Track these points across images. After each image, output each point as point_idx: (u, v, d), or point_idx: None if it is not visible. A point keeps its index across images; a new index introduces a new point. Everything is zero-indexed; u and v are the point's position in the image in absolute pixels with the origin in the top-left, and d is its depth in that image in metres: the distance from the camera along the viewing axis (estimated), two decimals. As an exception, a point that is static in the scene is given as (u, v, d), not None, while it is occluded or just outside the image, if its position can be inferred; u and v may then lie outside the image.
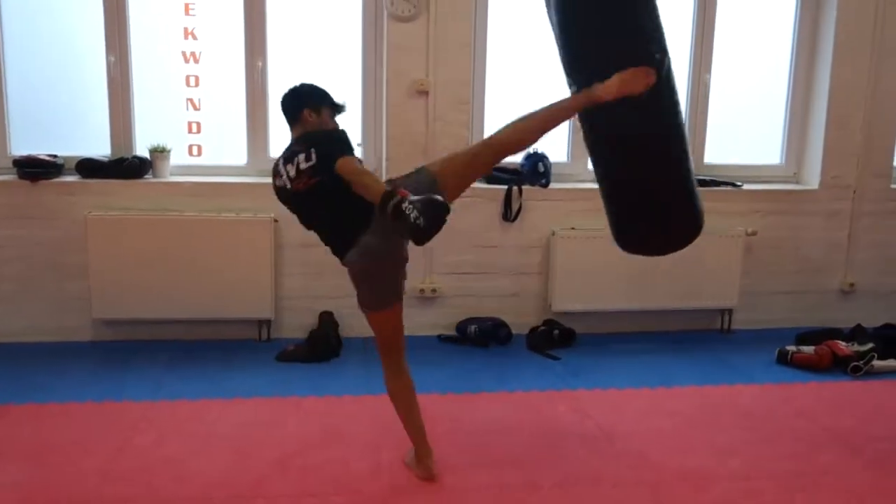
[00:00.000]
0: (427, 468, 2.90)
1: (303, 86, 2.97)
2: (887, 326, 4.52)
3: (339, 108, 2.98)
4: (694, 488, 2.90)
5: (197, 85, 4.25)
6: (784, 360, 4.15)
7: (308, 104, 2.91)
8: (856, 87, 4.54)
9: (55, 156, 4.14)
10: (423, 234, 2.37)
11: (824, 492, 2.88)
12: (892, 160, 4.70)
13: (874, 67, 4.53)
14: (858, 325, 4.49)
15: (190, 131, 4.30)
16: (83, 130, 4.28)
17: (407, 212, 2.34)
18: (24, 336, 4.13)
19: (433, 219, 2.36)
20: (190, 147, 4.32)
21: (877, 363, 4.04)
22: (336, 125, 2.96)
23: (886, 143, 4.66)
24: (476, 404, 3.58)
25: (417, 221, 2.33)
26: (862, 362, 4.01)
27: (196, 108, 4.27)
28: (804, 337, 4.38)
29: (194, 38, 4.21)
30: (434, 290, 4.39)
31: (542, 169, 4.38)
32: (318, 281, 4.29)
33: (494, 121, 4.40)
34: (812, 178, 4.68)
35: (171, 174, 4.24)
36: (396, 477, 2.91)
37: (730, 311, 4.63)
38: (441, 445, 3.14)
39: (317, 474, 2.91)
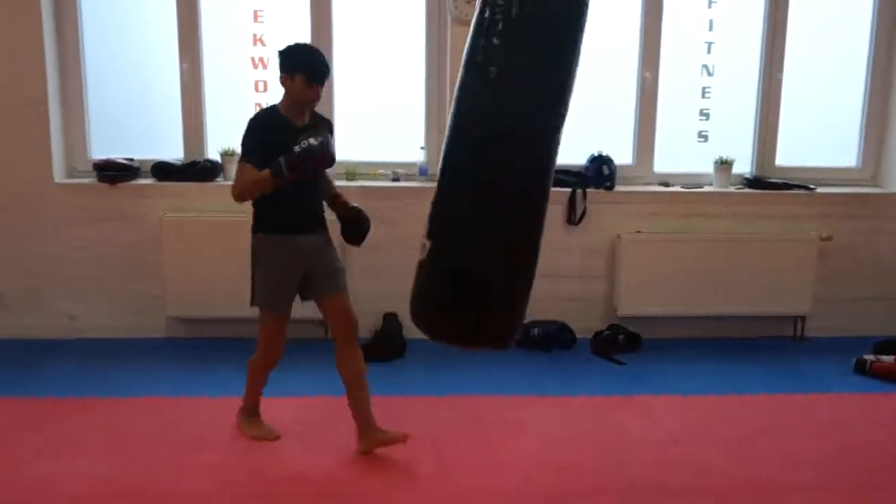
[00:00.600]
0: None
1: (287, 46, 2.95)
2: (973, 335, 4.31)
3: (314, 75, 2.88)
4: (761, 499, 2.82)
5: (265, 90, 4.34)
6: (862, 369, 4.00)
7: (283, 68, 2.90)
8: (939, 85, 4.36)
9: (131, 159, 4.28)
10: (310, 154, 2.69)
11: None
12: (979, 161, 4.49)
13: (959, 65, 4.34)
14: (941, 333, 4.31)
15: (259, 135, 4.39)
16: (157, 134, 4.41)
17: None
18: (103, 332, 4.28)
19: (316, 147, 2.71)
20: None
21: (960, 373, 3.86)
22: (313, 93, 2.92)
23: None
24: (540, 408, 3.55)
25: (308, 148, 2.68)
26: (945, 372, 3.84)
27: (265, 113, 4.36)
28: (883, 346, 4.22)
29: (263, 44, 4.31)
30: (497, 293, 4.37)
31: (606, 172, 4.33)
32: (382, 282, 4.32)
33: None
34: (891, 182, 4.51)
35: (241, 177, 4.33)
36: (460, 479, 2.92)
37: (803, 318, 4.49)
38: (505, 447, 3.14)
39: (377, 473, 2.95)
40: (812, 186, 4.46)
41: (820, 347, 4.39)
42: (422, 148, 4.40)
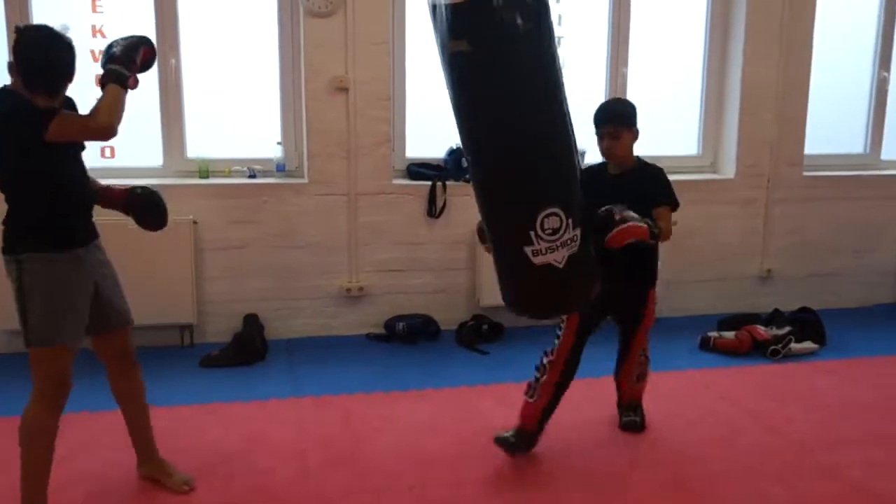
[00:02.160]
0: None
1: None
2: (803, 310, 4.66)
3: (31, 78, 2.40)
4: (620, 477, 2.93)
5: (107, 84, 4.09)
6: (706, 346, 4.25)
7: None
8: (767, 78, 4.68)
9: None
10: None
11: (748, 474, 2.95)
12: (803, 149, 4.86)
13: (783, 59, 4.68)
14: (776, 310, 4.63)
15: (101, 132, 4.14)
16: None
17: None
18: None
19: None
20: (102, 149, 4.15)
21: (794, 346, 4.17)
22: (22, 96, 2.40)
23: (797, 132, 4.81)
24: (404, 402, 3.55)
25: None
26: (780, 346, 4.14)
27: (107, 109, 4.12)
28: (725, 323, 4.50)
29: (103, 35, 4.05)
30: (361, 289, 4.34)
31: (465, 164, 4.36)
32: (241, 283, 4.20)
33: (414, 116, 4.40)
34: (728, 168, 4.81)
35: (83, 177, 4.08)
36: (323, 482, 2.86)
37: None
38: (371, 445, 3.12)
39: (241, 482, 2.85)
40: (658, 175, 4.68)
41: (669, 327, 4.61)
42: (278, 143, 4.29)
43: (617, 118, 3.00)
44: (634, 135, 3.01)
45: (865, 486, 2.84)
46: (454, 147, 4.37)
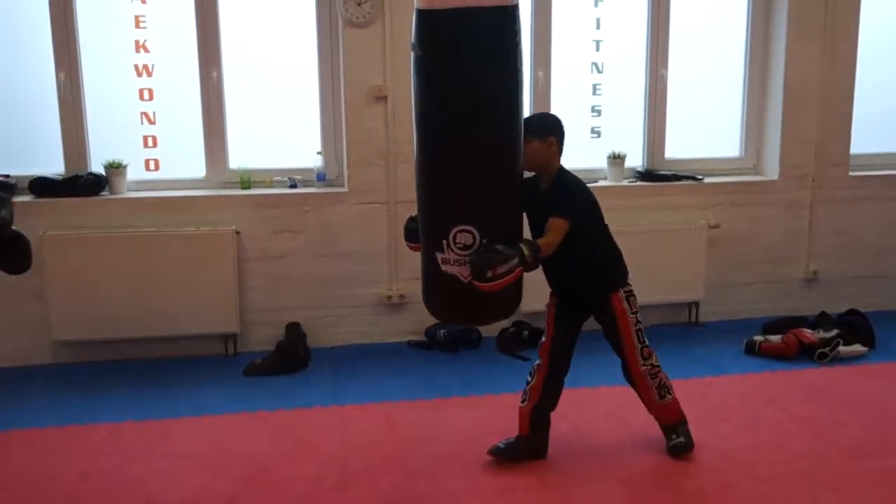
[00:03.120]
0: None
1: None
2: (851, 312, 4.57)
3: None
4: (667, 483, 2.90)
5: (151, 98, 4.18)
6: (752, 350, 4.18)
7: None
8: (809, 78, 4.60)
9: (7, 175, 4.03)
10: None
11: (797, 479, 2.89)
12: (848, 149, 4.76)
13: (826, 59, 4.59)
14: (823, 312, 4.54)
15: (146, 145, 4.22)
16: (35, 149, 4.17)
17: None
18: (-18, 362, 4.02)
19: None
20: (147, 161, 4.24)
21: (842, 349, 4.08)
22: None
23: (841, 132, 4.72)
24: (447, 410, 3.55)
25: None
26: (828, 349, 4.06)
27: (151, 122, 4.20)
28: (771, 326, 4.42)
29: (146, 50, 4.14)
30: (402, 296, 4.35)
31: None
32: (283, 292, 4.24)
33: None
34: (771, 169, 4.73)
35: (129, 190, 4.16)
36: (368, 489, 2.87)
37: (696, 304, 4.66)
38: (413, 453, 3.13)
39: (287, 489, 2.87)
40: (699, 177, 4.63)
41: (714, 331, 4.57)
42: (318, 153, 4.33)
43: (526, 126, 2.80)
44: (547, 145, 2.88)
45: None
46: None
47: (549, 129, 2.92)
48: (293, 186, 4.27)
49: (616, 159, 4.55)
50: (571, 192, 2.91)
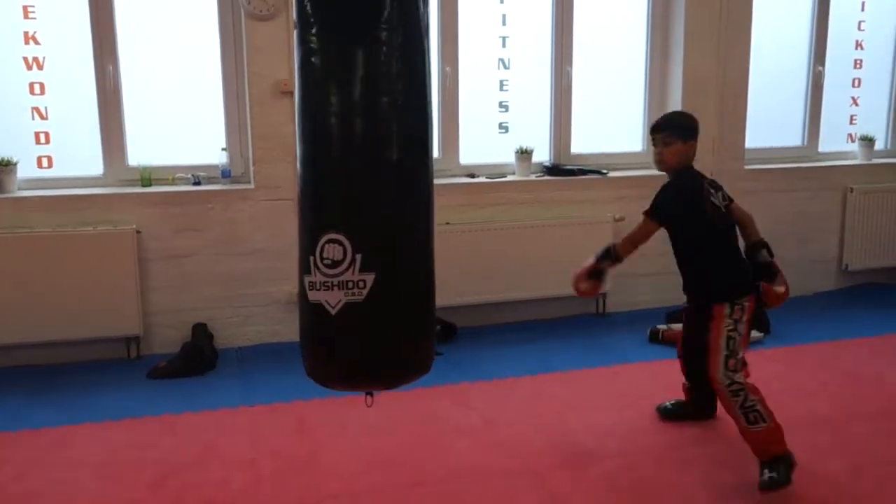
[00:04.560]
0: None
1: None
2: (748, 300, 4.76)
3: None
4: (577, 471, 2.96)
5: (42, 93, 3.98)
6: (655, 338, 4.32)
7: None
8: (706, 76, 4.78)
9: None
10: None
11: (697, 461, 3.00)
12: (744, 143, 4.97)
13: (723, 57, 4.78)
14: (722, 301, 4.72)
15: (38, 142, 4.02)
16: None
17: None
18: None
19: None
20: (39, 159, 4.04)
21: (740, 335, 4.26)
22: None
23: (738, 127, 4.93)
24: (359, 406, 3.50)
25: None
26: (726, 335, 4.22)
27: (43, 118, 4.00)
28: (673, 315, 4.56)
29: (36, 42, 3.94)
30: (312, 294, 4.29)
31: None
32: (188, 292, 4.13)
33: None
34: (672, 163, 4.89)
35: (20, 188, 3.96)
36: (279, 490, 2.83)
37: (604, 295, 4.78)
38: (325, 450, 3.09)
39: (194, 494, 2.79)
40: (605, 171, 4.75)
41: (619, 321, 4.70)
42: (223, 149, 4.23)
43: (665, 125, 3.03)
44: (687, 148, 2.99)
45: (810, 468, 2.91)
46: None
47: (694, 132, 3.01)
48: (197, 183, 4.15)
49: (524, 154, 4.62)
50: (665, 190, 3.01)
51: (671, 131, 2.98)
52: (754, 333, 4.32)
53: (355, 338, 2.02)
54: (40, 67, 3.97)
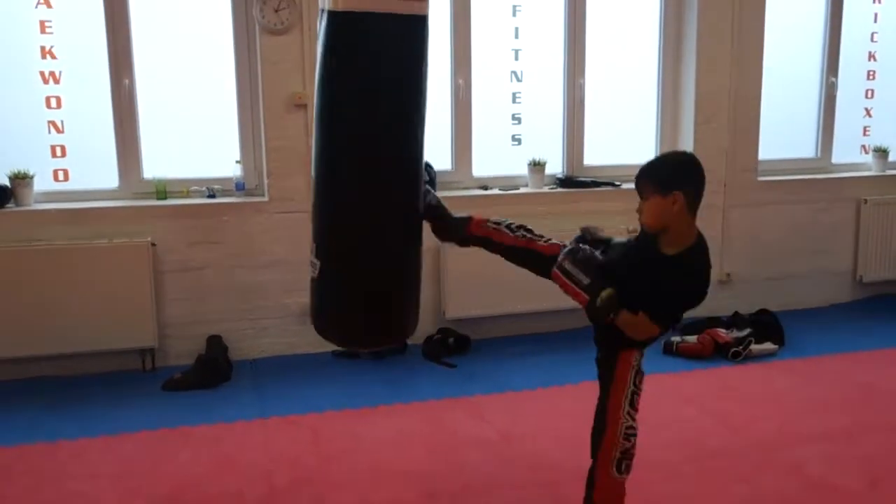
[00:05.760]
0: None
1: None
2: (762, 312, 4.75)
3: None
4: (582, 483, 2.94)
5: (59, 106, 4.02)
6: (670, 350, 4.30)
7: None
8: (720, 87, 4.78)
9: None
10: None
11: (714, 474, 2.98)
12: (757, 155, 4.96)
13: (735, 68, 4.79)
14: (736, 313, 4.71)
15: (54, 155, 4.06)
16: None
17: None
18: None
19: None
20: (55, 172, 4.07)
21: (754, 347, 4.25)
22: None
23: (751, 138, 4.92)
24: (374, 419, 3.53)
25: None
26: (741, 348, 4.21)
27: (59, 131, 4.04)
28: (688, 327, 4.55)
29: (53, 56, 3.98)
30: (325, 306, 4.30)
31: (426, 177, 4.36)
32: (203, 305, 4.15)
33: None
34: (685, 175, 4.88)
35: (36, 201, 4.00)
36: (292, 501, 2.83)
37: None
38: (339, 462, 3.09)
39: (209, 506, 2.80)
40: (617, 183, 4.75)
41: (634, 334, 4.68)
42: (237, 162, 4.25)
43: (642, 172, 2.36)
44: (674, 202, 2.28)
45: (825, 481, 2.90)
46: (415, 161, 4.37)
47: (677, 181, 2.29)
48: (211, 196, 4.18)
49: (537, 166, 4.63)
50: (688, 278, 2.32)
51: (646, 179, 2.34)
52: (768, 345, 4.32)
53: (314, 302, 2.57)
54: (56, 82, 4.01)
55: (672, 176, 2.31)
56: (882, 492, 2.84)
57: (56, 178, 4.08)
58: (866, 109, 5.38)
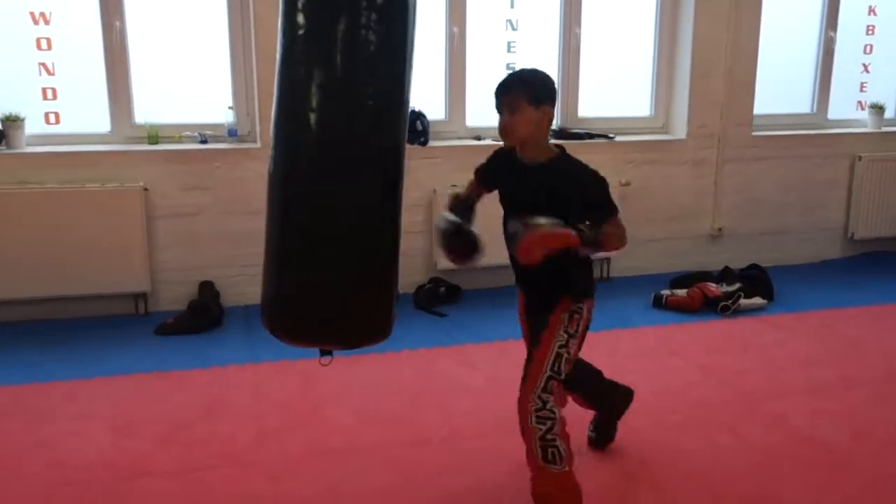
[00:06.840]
0: None
1: None
2: (752, 267, 4.78)
3: None
4: (573, 431, 2.99)
5: (49, 48, 3.97)
6: (659, 303, 4.34)
7: None
8: (716, 41, 4.74)
9: None
10: None
11: (699, 424, 3.04)
12: (752, 109, 4.94)
13: (733, 21, 4.74)
14: (726, 267, 4.74)
15: (45, 98, 4.02)
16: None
17: None
18: None
19: None
20: (46, 115, 4.04)
21: (743, 302, 4.29)
22: None
23: (746, 92, 4.89)
24: (363, 365, 3.56)
25: None
26: (730, 302, 4.25)
27: (50, 73, 4.00)
28: (677, 281, 4.59)
29: (46, 21, 3.92)
30: (318, 254, 4.32)
31: (420, 127, 4.36)
32: (195, 251, 4.16)
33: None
34: (680, 129, 4.87)
35: (28, 144, 3.97)
36: (284, 445, 2.88)
37: (607, 260, 4.79)
38: (330, 407, 3.14)
39: (202, 447, 2.84)
40: (611, 135, 4.73)
41: (623, 286, 4.72)
42: (230, 107, 4.22)
43: (519, 85, 2.35)
44: (543, 115, 2.34)
45: (811, 434, 2.95)
46: (411, 110, 4.34)
47: (549, 96, 2.37)
48: (203, 142, 4.16)
49: (531, 117, 4.59)
50: (599, 178, 2.40)
51: (520, 92, 2.32)
52: (757, 300, 4.35)
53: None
54: (47, 22, 3.95)
55: (542, 90, 2.37)
56: (863, 443, 2.90)
57: (48, 121, 4.06)
58: (864, 65, 5.34)
